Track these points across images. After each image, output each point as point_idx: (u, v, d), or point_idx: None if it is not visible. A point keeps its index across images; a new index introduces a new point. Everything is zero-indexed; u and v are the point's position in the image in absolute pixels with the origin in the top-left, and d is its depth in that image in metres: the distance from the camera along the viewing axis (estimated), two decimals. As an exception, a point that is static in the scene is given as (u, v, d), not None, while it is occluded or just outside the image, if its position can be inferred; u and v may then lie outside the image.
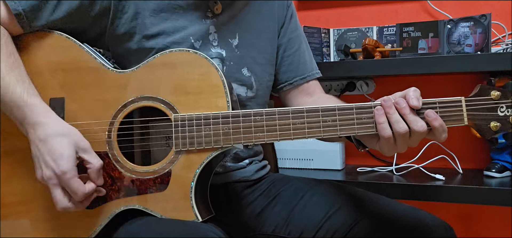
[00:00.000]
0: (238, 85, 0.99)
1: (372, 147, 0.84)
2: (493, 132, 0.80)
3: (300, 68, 1.09)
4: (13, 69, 0.83)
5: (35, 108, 0.82)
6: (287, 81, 1.09)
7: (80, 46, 0.88)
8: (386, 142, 0.78)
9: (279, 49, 1.09)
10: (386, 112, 0.78)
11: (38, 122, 0.81)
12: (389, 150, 0.80)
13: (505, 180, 1.35)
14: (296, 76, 1.09)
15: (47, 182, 0.80)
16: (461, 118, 0.80)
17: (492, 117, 0.80)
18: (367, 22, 1.66)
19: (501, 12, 1.50)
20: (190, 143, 0.83)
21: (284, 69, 1.09)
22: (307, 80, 1.09)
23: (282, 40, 1.09)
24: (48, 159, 0.79)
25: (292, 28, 1.10)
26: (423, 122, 0.77)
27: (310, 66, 1.11)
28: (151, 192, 0.85)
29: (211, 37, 0.96)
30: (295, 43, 1.09)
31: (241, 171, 1.04)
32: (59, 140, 0.80)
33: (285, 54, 1.09)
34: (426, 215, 0.89)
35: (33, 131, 0.81)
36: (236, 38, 1.00)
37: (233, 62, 0.99)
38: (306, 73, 1.09)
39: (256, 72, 1.02)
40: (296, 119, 0.83)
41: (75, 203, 0.81)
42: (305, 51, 1.12)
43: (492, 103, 0.80)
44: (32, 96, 0.83)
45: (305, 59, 1.10)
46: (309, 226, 0.94)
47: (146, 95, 0.86)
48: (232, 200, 1.02)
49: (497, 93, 0.80)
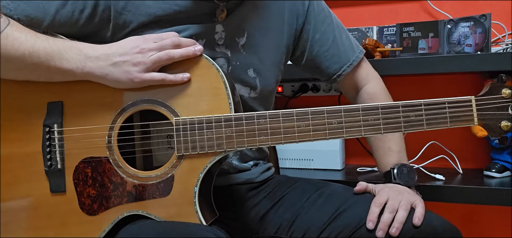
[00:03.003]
0: (241, 86, 0.98)
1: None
2: (503, 131, 0.79)
3: (343, 57, 1.09)
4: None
5: (78, 44, 0.85)
6: (336, 73, 1.09)
7: None
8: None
9: (314, 47, 1.08)
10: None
11: (91, 47, 0.83)
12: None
13: (505, 180, 1.35)
14: (343, 65, 1.09)
15: (146, 59, 0.82)
16: (471, 118, 0.79)
17: (503, 117, 0.79)
18: (367, 22, 1.65)
19: (501, 12, 1.50)
20: (192, 147, 0.83)
21: (328, 64, 1.09)
22: (353, 66, 1.10)
23: (314, 37, 1.07)
24: (132, 44, 0.83)
25: (321, 20, 1.08)
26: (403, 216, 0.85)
27: (352, 51, 1.10)
28: (154, 198, 0.84)
29: (217, 36, 0.95)
30: (329, 33, 1.08)
31: (246, 173, 1.04)
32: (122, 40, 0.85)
33: (323, 49, 1.08)
34: (432, 217, 0.88)
35: (94, 55, 0.83)
36: (244, 36, 0.98)
37: (239, 63, 0.98)
38: (351, 59, 1.10)
39: (262, 73, 1.01)
40: (300, 121, 0.82)
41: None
42: (342, 36, 1.11)
43: (503, 102, 0.79)
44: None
45: (344, 45, 1.10)
46: (313, 228, 0.94)
47: (146, 98, 0.85)
48: (236, 202, 1.02)
49: (508, 91, 0.78)
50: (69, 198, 0.86)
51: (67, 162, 0.86)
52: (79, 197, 0.85)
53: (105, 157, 0.85)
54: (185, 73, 0.84)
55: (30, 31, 0.83)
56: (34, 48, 0.81)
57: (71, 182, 0.86)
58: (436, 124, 0.81)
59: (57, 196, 0.86)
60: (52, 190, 0.86)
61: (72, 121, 0.86)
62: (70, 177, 0.86)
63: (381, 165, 1.06)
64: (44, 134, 0.85)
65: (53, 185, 0.86)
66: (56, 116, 0.85)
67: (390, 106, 0.82)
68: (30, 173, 0.85)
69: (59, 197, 0.86)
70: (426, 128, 0.81)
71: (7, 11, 0.83)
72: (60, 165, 0.85)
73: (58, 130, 0.85)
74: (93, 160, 0.85)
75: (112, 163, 0.85)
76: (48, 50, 0.81)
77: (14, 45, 0.80)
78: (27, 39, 0.81)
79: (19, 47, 0.80)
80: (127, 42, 0.84)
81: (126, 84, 0.83)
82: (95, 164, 0.85)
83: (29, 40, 0.81)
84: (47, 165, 0.85)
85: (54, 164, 0.85)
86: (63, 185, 0.85)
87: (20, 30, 0.82)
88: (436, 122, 0.81)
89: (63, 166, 0.86)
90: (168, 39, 0.84)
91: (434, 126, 0.81)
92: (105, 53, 0.83)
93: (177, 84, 0.84)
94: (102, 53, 0.83)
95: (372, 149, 1.10)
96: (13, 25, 0.82)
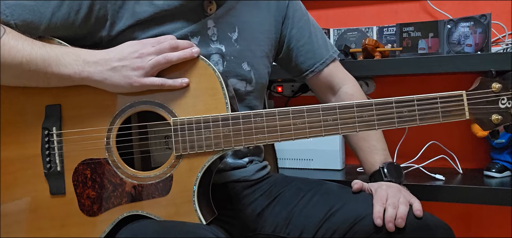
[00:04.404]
0: (237, 80, 1.00)
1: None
2: (494, 124, 0.81)
3: (317, 54, 1.11)
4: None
5: (74, 50, 0.85)
6: (309, 69, 1.11)
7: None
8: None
9: (291, 41, 1.10)
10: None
11: (89, 52, 0.84)
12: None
13: (505, 180, 1.35)
14: (316, 62, 1.11)
15: (145, 63, 0.82)
16: (462, 112, 0.81)
17: (494, 110, 0.80)
18: (367, 22, 1.66)
19: (501, 12, 1.50)
20: (190, 147, 0.83)
21: (303, 59, 1.11)
22: (326, 64, 1.11)
23: (291, 32, 1.10)
24: (130, 49, 0.83)
25: (298, 16, 1.11)
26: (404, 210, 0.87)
27: (326, 50, 1.12)
28: (154, 197, 0.84)
29: (210, 32, 0.96)
30: (305, 30, 1.11)
31: (241, 171, 1.04)
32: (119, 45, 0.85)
33: (299, 44, 1.10)
34: (427, 216, 0.89)
35: (92, 59, 0.83)
36: (236, 31, 1.00)
37: (233, 57, 0.99)
38: (324, 57, 1.11)
39: (255, 66, 1.02)
40: (296, 119, 0.83)
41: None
42: (318, 34, 1.13)
43: (493, 96, 0.80)
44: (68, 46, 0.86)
45: (318, 43, 1.11)
46: (309, 226, 0.95)
47: (144, 99, 0.85)
48: (232, 199, 1.02)
49: (498, 85, 0.80)
50: (69, 200, 0.86)
51: (66, 164, 0.86)
52: (79, 199, 0.86)
53: (104, 158, 0.85)
54: (184, 79, 0.84)
55: (26, 38, 0.83)
56: (31, 55, 0.81)
57: (71, 183, 0.86)
58: (429, 118, 0.82)
59: (57, 198, 0.86)
60: (52, 192, 0.86)
61: (70, 123, 0.86)
62: (69, 179, 0.86)
63: (367, 164, 1.08)
64: (43, 136, 0.86)
65: (52, 187, 0.86)
66: (54, 119, 0.85)
67: (384, 102, 0.83)
68: (30, 175, 0.86)
69: (59, 199, 0.86)
70: (419, 123, 0.82)
71: (4, 17, 0.83)
72: (59, 167, 0.86)
73: (57, 132, 0.86)
74: (92, 162, 0.86)
75: (111, 164, 0.85)
76: (45, 57, 0.82)
77: (10, 53, 0.80)
78: (24, 47, 0.81)
79: (16, 55, 0.80)
80: (125, 46, 0.84)
81: (125, 89, 0.83)
82: (94, 166, 0.86)
83: (26, 47, 0.81)
84: (46, 167, 0.86)
85: (54, 166, 0.86)
86: (62, 187, 0.86)
87: (16, 38, 0.82)
88: (429, 117, 0.82)
89: (63, 168, 0.86)
90: (166, 43, 0.84)
91: (427, 121, 0.82)
92: (103, 58, 0.83)
93: (176, 89, 0.84)
94: (100, 58, 0.83)
95: (355, 149, 1.11)
96: (9, 33, 0.82)
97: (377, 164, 1.05)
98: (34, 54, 0.81)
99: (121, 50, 0.84)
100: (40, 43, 0.83)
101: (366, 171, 1.09)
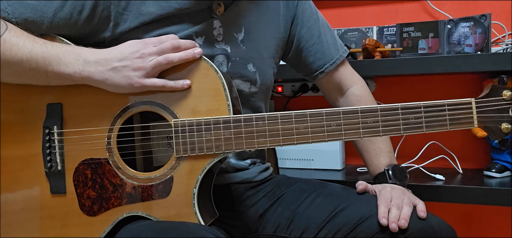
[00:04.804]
0: (241, 82, 0.99)
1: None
2: (504, 133, 0.78)
3: (327, 54, 1.10)
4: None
5: (76, 49, 0.84)
6: (319, 70, 1.11)
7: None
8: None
9: (301, 41, 1.09)
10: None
11: (90, 51, 0.83)
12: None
13: (505, 180, 1.35)
14: (326, 63, 1.11)
15: (146, 64, 0.82)
16: (471, 121, 0.78)
17: (504, 119, 0.78)
18: (367, 22, 1.65)
19: (501, 12, 1.50)
20: (191, 149, 0.83)
21: (312, 59, 1.10)
22: (336, 64, 1.11)
23: (301, 32, 1.09)
24: (131, 49, 0.83)
25: (307, 16, 1.10)
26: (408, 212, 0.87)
27: (335, 50, 1.12)
28: (154, 199, 0.84)
29: (216, 32, 0.95)
30: (315, 30, 1.10)
31: (243, 173, 1.04)
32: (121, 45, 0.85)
33: (308, 44, 1.10)
34: (430, 217, 0.89)
35: (93, 59, 0.82)
36: (242, 31, 0.99)
37: (239, 58, 0.98)
38: (334, 57, 1.11)
39: (261, 67, 1.02)
40: (299, 123, 0.82)
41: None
42: (327, 34, 1.12)
43: (504, 104, 0.77)
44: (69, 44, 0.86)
45: (328, 43, 1.11)
46: (311, 226, 0.94)
47: (145, 100, 0.85)
48: (235, 201, 1.02)
49: (509, 93, 0.77)
50: (69, 199, 0.86)
51: (67, 163, 0.86)
52: (79, 198, 0.86)
53: (105, 159, 0.85)
54: (186, 80, 0.84)
55: (28, 35, 0.83)
56: (32, 53, 0.81)
57: (71, 183, 0.86)
58: (436, 126, 0.80)
59: (57, 197, 0.86)
60: (52, 191, 0.86)
61: (71, 122, 0.86)
62: (70, 179, 0.86)
63: (372, 165, 1.08)
64: (44, 135, 0.85)
65: (53, 186, 0.86)
66: (55, 118, 0.85)
67: (389, 108, 0.82)
68: (31, 175, 0.85)
69: (59, 198, 0.86)
70: (426, 130, 0.81)
71: (5, 15, 0.83)
72: (60, 166, 0.86)
73: (58, 131, 0.86)
74: (93, 162, 0.86)
75: (111, 165, 0.85)
76: (46, 55, 0.81)
77: (12, 51, 0.80)
78: (25, 44, 0.81)
79: (17, 53, 0.80)
80: (126, 46, 0.84)
81: (125, 89, 0.83)
82: (95, 166, 0.86)
83: (27, 45, 0.81)
84: (47, 167, 0.86)
85: (54, 165, 0.86)
86: (63, 186, 0.86)
87: (18, 35, 0.82)
88: (436, 124, 0.80)
89: (63, 167, 0.86)
90: (168, 43, 0.84)
91: (434, 129, 0.80)
92: (104, 58, 0.83)
93: (177, 91, 0.84)
94: (101, 58, 0.83)
95: (361, 150, 1.11)
96: (11, 30, 0.81)
97: (382, 166, 1.04)
98: (35, 52, 0.81)
99: (122, 50, 0.83)
100: (41, 41, 0.83)
101: (371, 173, 1.09)
